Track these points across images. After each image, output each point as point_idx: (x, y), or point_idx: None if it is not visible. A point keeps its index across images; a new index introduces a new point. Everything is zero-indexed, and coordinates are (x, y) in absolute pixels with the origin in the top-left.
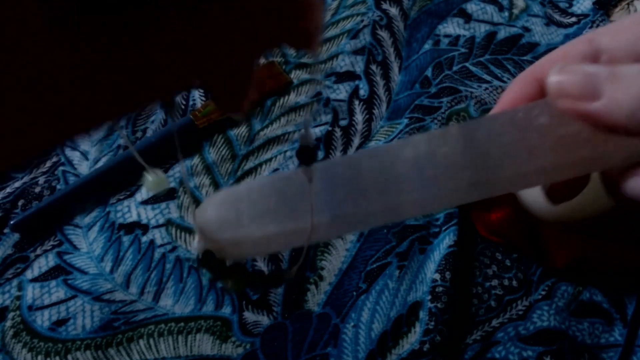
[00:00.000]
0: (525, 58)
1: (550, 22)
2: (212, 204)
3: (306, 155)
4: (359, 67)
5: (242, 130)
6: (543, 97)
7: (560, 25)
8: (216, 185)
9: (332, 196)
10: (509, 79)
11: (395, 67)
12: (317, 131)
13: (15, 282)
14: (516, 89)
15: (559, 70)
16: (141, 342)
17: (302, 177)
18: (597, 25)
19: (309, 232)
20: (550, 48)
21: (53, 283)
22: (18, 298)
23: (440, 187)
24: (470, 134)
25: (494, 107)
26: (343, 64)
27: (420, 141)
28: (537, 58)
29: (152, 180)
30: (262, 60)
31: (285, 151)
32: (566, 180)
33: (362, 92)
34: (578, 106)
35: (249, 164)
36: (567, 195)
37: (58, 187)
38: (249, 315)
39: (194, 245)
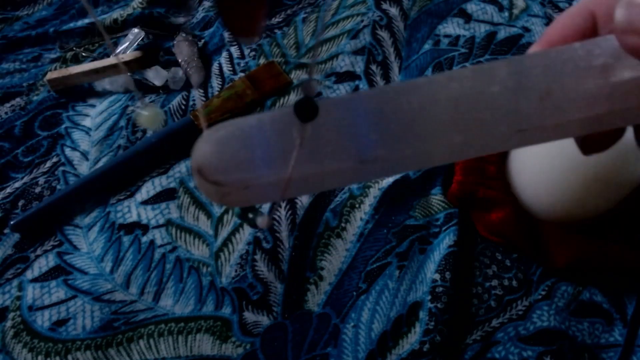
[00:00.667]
0: None
1: (550, 22)
2: (213, 139)
3: (305, 109)
4: (359, 67)
5: None
6: (596, 35)
7: None
8: None
9: (361, 138)
10: None
11: (395, 67)
12: None
13: (15, 283)
14: (568, 22)
15: (628, 3)
16: (141, 342)
17: (321, 118)
18: None
19: (284, 184)
20: None
21: (53, 283)
22: (18, 298)
23: (484, 131)
24: (523, 72)
25: (537, 41)
26: (343, 64)
27: (466, 77)
28: None
29: (146, 115)
30: (263, 61)
31: None
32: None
33: None
34: None
35: None
36: (603, 145)
37: (58, 187)
38: (249, 315)
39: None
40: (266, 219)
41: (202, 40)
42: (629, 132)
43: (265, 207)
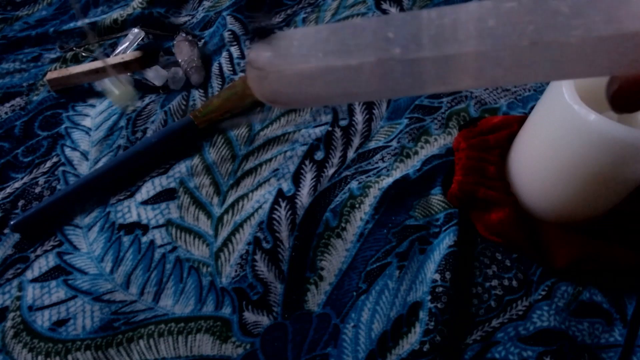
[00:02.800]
0: None
1: None
2: (268, 41)
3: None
4: None
5: (242, 130)
6: None
7: None
8: (216, 186)
9: (381, 37)
10: None
11: None
12: (317, 131)
13: (15, 283)
14: None
15: None
16: (141, 342)
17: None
18: None
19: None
20: None
21: (53, 283)
22: (18, 298)
23: (499, 40)
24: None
25: None
26: None
27: (487, 0)
28: None
29: (118, 93)
30: None
31: (285, 151)
32: (638, 82)
33: None
34: None
35: (249, 164)
36: (636, 102)
37: (58, 187)
38: (249, 316)
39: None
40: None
41: (202, 40)
42: (629, 132)
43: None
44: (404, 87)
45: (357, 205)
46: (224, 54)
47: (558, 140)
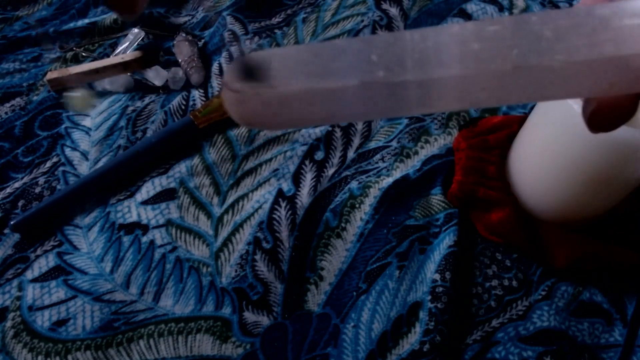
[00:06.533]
0: None
1: None
2: (244, 60)
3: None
4: None
5: (242, 130)
6: None
7: None
8: (216, 186)
9: (364, 59)
10: None
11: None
12: (317, 131)
13: (15, 283)
14: None
15: None
16: (141, 342)
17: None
18: None
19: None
20: None
21: (53, 283)
22: (18, 298)
23: (483, 64)
24: (523, 17)
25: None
26: None
27: (469, 22)
28: None
29: (76, 97)
30: None
31: (285, 151)
32: (614, 103)
33: None
34: None
35: (249, 164)
36: (611, 121)
37: (58, 187)
38: (249, 316)
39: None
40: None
41: (202, 40)
42: (629, 132)
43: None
44: (387, 109)
45: (357, 205)
46: (224, 54)
47: (558, 140)
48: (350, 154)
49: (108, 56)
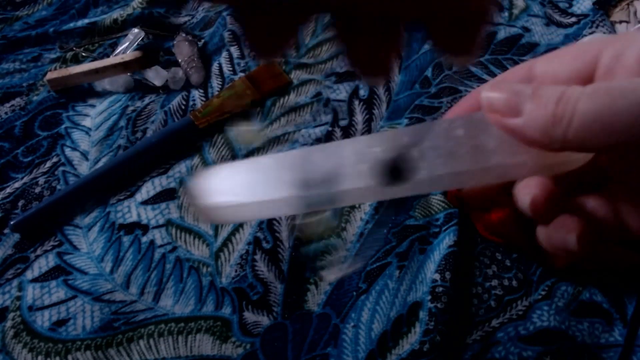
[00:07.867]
0: (525, 58)
1: (550, 22)
2: (202, 176)
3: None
4: None
5: (242, 130)
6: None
7: (560, 25)
8: None
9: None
10: None
11: (395, 67)
12: (317, 131)
13: (15, 283)
14: (466, 103)
15: (491, 87)
16: (141, 342)
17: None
18: (597, 26)
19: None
20: (550, 48)
21: (53, 283)
22: (18, 298)
23: (367, 182)
24: (396, 138)
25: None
26: (343, 64)
27: (363, 139)
28: None
29: (246, 131)
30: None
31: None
32: (480, 192)
33: (362, 92)
34: (502, 121)
35: None
36: (478, 205)
37: (58, 187)
38: (249, 316)
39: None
40: None
41: (202, 40)
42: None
43: None
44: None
45: (357, 205)
46: (224, 54)
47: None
48: None
49: (108, 56)
